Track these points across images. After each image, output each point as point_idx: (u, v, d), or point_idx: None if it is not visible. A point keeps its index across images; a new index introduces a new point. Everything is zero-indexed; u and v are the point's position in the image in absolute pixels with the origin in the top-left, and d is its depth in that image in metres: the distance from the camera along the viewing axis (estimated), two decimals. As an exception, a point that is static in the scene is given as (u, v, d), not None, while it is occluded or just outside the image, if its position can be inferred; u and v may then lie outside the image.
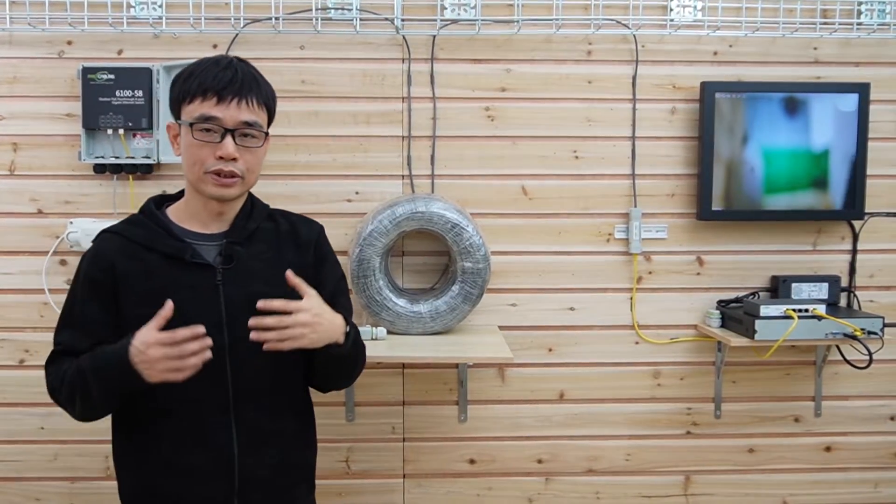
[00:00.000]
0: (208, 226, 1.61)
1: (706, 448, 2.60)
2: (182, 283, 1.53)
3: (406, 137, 2.48)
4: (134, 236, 1.57)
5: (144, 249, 1.55)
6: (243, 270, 1.58)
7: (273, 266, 1.60)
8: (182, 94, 1.54)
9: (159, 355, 1.40)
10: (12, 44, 2.41)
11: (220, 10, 2.41)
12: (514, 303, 2.53)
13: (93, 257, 1.58)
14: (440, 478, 2.56)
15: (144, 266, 1.54)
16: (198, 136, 1.52)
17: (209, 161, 1.52)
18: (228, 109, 1.51)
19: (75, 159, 2.39)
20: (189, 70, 1.56)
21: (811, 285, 2.51)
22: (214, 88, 1.51)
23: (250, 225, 1.63)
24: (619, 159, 2.51)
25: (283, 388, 1.66)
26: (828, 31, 2.49)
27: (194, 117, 1.51)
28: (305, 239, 1.70)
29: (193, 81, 1.53)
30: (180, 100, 1.55)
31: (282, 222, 1.69)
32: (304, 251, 1.68)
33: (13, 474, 2.48)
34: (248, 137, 1.56)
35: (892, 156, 2.55)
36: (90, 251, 1.60)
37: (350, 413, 2.52)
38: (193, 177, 1.55)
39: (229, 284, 1.55)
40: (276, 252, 1.64)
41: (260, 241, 1.63)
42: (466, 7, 2.43)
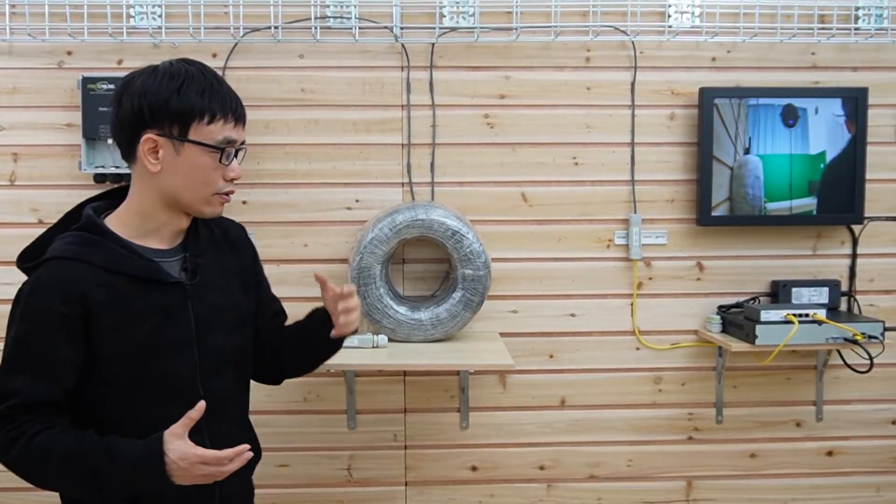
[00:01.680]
0: (164, 241, 1.49)
1: (708, 453, 2.59)
2: (154, 305, 1.43)
3: (406, 145, 2.48)
4: (95, 260, 1.40)
5: (108, 273, 1.40)
6: (203, 283, 1.51)
7: (221, 274, 1.56)
8: (198, 110, 1.41)
9: (201, 473, 1.31)
10: (12, 54, 2.42)
11: (219, 20, 2.42)
12: (514, 309, 2.53)
13: (54, 289, 1.38)
14: (442, 485, 2.55)
15: (112, 292, 1.40)
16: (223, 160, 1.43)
17: (220, 183, 1.45)
18: (241, 132, 1.47)
19: (76, 169, 2.40)
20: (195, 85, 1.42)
21: (811, 290, 2.51)
22: (234, 111, 1.44)
23: (200, 235, 1.56)
24: (619, 165, 2.52)
25: (242, 397, 1.63)
26: (825, 36, 2.50)
27: (219, 140, 1.42)
28: (238, 240, 1.65)
29: (211, 99, 1.42)
30: (192, 116, 1.41)
31: (213, 227, 1.61)
32: (242, 252, 1.64)
33: (13, 484, 2.48)
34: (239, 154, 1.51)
35: (891, 160, 2.55)
36: (45, 282, 1.39)
37: (351, 421, 2.52)
38: (196, 197, 1.44)
39: (195, 300, 1.48)
40: (218, 259, 1.57)
41: (207, 251, 1.56)
42: (465, 15, 2.44)
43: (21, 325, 1.38)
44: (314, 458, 2.52)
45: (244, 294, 1.61)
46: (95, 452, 1.33)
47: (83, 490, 1.37)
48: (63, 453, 1.34)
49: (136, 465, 1.32)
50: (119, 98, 1.44)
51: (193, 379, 1.47)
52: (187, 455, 1.30)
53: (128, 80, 1.44)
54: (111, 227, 1.46)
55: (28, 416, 1.35)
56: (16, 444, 1.34)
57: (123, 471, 1.32)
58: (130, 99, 1.41)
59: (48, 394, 1.36)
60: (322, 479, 2.53)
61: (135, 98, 1.41)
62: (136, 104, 1.41)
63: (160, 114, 1.41)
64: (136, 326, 1.41)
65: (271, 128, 2.45)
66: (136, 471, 1.32)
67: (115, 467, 1.32)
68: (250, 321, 1.63)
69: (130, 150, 1.44)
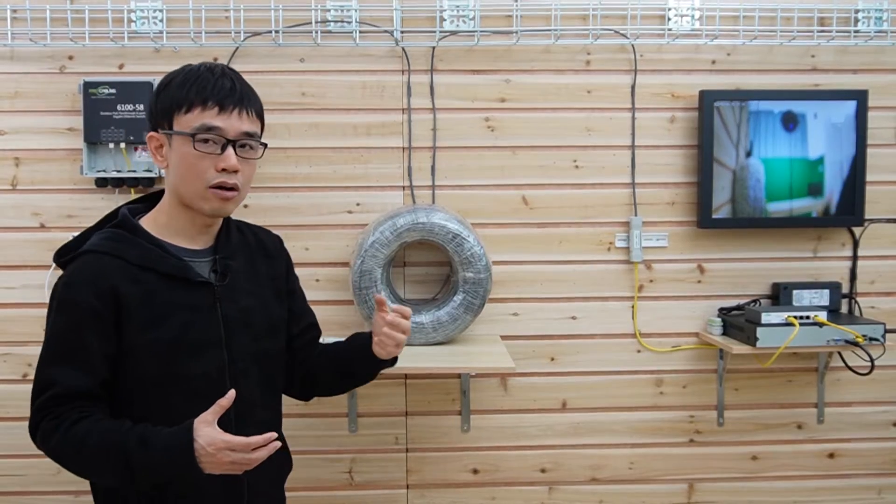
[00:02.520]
0: (195, 241, 1.52)
1: (709, 456, 2.59)
2: (183, 303, 1.45)
3: (406, 148, 2.49)
4: (128, 256, 1.44)
5: (140, 270, 1.43)
6: (233, 285, 1.53)
7: (252, 279, 1.58)
8: (176, 102, 1.44)
9: (228, 460, 1.33)
10: (14, 59, 2.43)
11: (220, 24, 2.42)
12: (515, 312, 2.53)
13: (87, 282, 1.41)
14: (443, 488, 2.56)
15: (144, 288, 1.43)
16: (199, 147, 1.42)
17: (210, 174, 1.44)
18: (230, 119, 1.44)
19: (77, 173, 2.40)
20: (180, 78, 1.46)
21: (812, 292, 2.51)
22: (216, 98, 1.43)
23: (231, 238, 1.58)
24: (619, 168, 2.52)
25: (272, 403, 1.65)
26: (825, 39, 2.50)
27: (194, 127, 1.42)
28: (273, 249, 1.68)
29: (190, 89, 1.43)
30: (173, 109, 1.44)
31: (248, 234, 1.65)
32: (276, 262, 1.67)
33: (17, 488, 2.48)
34: (247, 149, 1.49)
35: (891, 162, 2.56)
36: (80, 275, 1.42)
37: (353, 424, 2.52)
38: (191, 191, 1.45)
39: (224, 301, 1.50)
40: (251, 264, 1.60)
41: (238, 254, 1.58)
42: (465, 18, 2.45)
43: (56, 317, 1.42)
44: (316, 461, 2.52)
45: (276, 301, 1.63)
46: (128, 440, 1.35)
47: (115, 477, 1.38)
48: (98, 441, 1.36)
49: (166, 452, 1.34)
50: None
51: (220, 380, 1.48)
52: (215, 440, 1.32)
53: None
54: (145, 226, 1.50)
55: (66, 406, 1.38)
56: (55, 433, 1.38)
57: (154, 457, 1.34)
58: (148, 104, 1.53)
59: (84, 383, 1.40)
60: (323, 482, 2.53)
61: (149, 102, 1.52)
62: (148, 107, 1.51)
63: (154, 112, 1.48)
64: (165, 323, 1.42)
65: (272, 131, 2.46)
66: (166, 457, 1.33)
67: (146, 454, 1.34)
68: (282, 329, 1.65)
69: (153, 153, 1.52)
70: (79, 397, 1.40)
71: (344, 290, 2.47)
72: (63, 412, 1.39)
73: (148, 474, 1.36)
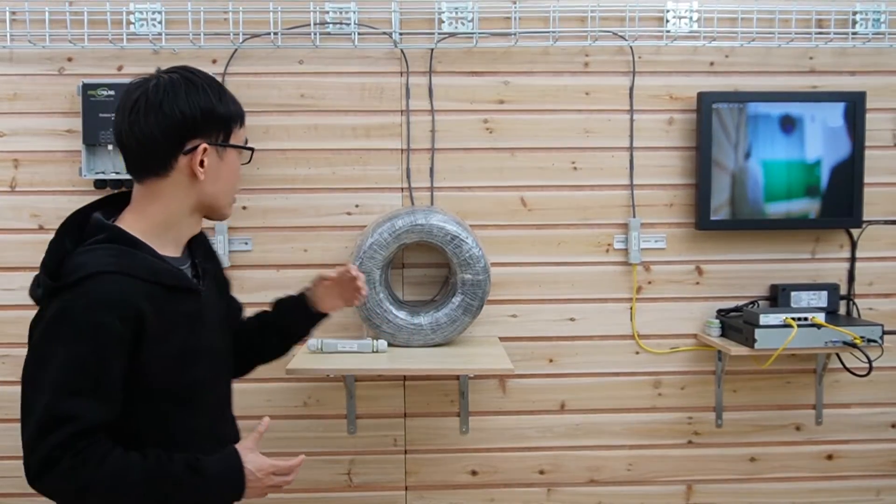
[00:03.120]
0: (177, 248, 1.48)
1: (708, 457, 2.60)
2: (183, 313, 1.43)
3: (405, 150, 2.49)
4: (139, 273, 1.36)
5: (148, 284, 1.36)
6: (207, 289, 1.53)
7: (211, 278, 1.58)
8: (235, 116, 1.46)
9: (271, 483, 1.39)
10: (13, 61, 2.43)
11: (219, 26, 2.42)
12: (514, 314, 2.53)
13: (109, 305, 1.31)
14: (442, 489, 2.56)
15: (154, 303, 1.36)
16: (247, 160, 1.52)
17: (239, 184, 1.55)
18: None
19: (76, 175, 2.40)
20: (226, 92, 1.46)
21: (810, 293, 2.52)
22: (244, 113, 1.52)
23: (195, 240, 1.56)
24: (618, 170, 2.52)
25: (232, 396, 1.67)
26: (823, 41, 2.51)
27: (243, 141, 1.50)
28: (206, 246, 1.65)
29: (240, 105, 1.49)
30: (232, 121, 1.45)
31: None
32: (215, 258, 1.66)
33: (17, 490, 2.48)
34: None
35: (889, 164, 2.56)
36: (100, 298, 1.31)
37: (352, 425, 2.52)
38: (227, 201, 1.50)
39: (206, 305, 1.50)
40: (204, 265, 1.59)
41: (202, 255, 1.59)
42: (464, 20, 2.45)
43: (76, 344, 1.29)
44: (314, 462, 2.52)
45: (223, 296, 1.65)
46: (177, 470, 1.34)
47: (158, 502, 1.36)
48: (142, 474, 1.32)
49: (219, 479, 1.37)
50: (152, 110, 1.37)
51: (209, 384, 1.49)
52: (263, 466, 1.39)
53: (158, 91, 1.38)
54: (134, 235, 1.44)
55: (88, 441, 1.29)
56: (82, 471, 1.28)
57: (209, 484, 1.36)
58: (174, 109, 1.37)
59: (106, 415, 1.31)
60: (322, 483, 2.54)
61: (183, 107, 1.37)
62: (188, 113, 1.37)
63: (210, 121, 1.40)
64: (172, 335, 1.40)
65: (271, 133, 2.46)
66: (219, 484, 1.37)
67: (201, 481, 1.35)
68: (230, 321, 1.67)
69: (166, 161, 1.39)
70: (100, 430, 1.31)
71: (342, 292, 2.48)
72: (86, 447, 1.29)
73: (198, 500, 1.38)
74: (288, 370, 2.12)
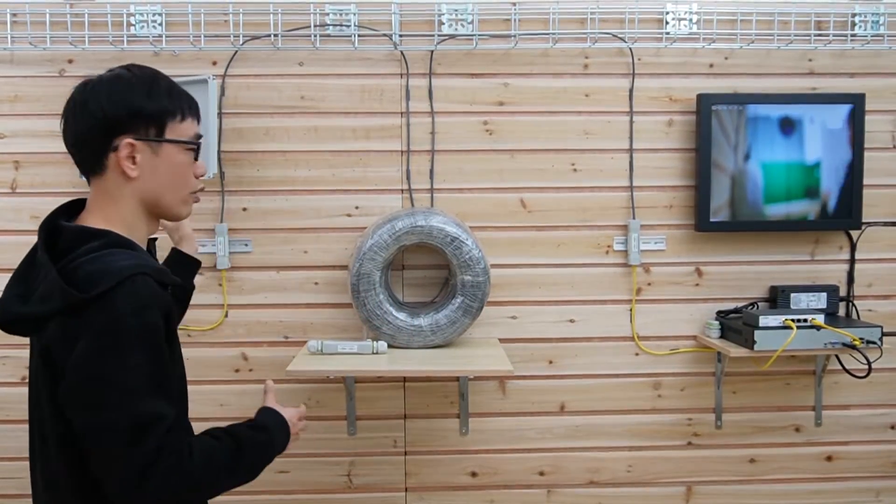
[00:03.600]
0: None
1: (707, 459, 2.60)
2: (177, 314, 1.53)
3: (405, 152, 2.49)
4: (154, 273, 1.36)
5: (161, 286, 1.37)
6: None
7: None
8: (169, 110, 1.41)
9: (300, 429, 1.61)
10: (14, 63, 2.43)
11: (219, 28, 2.43)
12: (514, 315, 2.53)
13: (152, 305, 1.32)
14: (442, 491, 2.56)
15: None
16: (191, 156, 1.45)
17: (192, 181, 1.46)
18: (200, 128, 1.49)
19: (76, 177, 2.41)
20: (163, 84, 1.43)
21: (810, 295, 2.52)
22: (196, 108, 1.47)
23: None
24: (617, 171, 2.52)
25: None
26: (822, 43, 2.51)
27: (191, 136, 1.44)
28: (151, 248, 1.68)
29: (181, 99, 1.44)
30: (165, 116, 1.40)
31: None
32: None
33: (17, 491, 2.49)
34: None
35: (888, 165, 2.56)
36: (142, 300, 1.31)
37: (352, 427, 2.52)
38: (175, 198, 1.44)
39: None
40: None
41: None
42: (464, 22, 2.45)
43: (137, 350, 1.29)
44: (314, 464, 2.52)
45: None
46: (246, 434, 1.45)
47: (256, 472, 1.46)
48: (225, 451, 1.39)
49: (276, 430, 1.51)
50: (79, 110, 1.40)
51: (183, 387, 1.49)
52: (292, 414, 1.58)
53: (85, 90, 1.41)
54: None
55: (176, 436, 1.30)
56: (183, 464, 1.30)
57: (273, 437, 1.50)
58: (98, 108, 1.38)
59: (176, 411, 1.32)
60: (322, 485, 2.54)
61: (106, 106, 1.38)
62: (110, 111, 1.38)
63: (137, 118, 1.39)
64: (176, 336, 1.43)
65: (271, 135, 2.46)
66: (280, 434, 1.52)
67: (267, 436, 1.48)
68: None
69: (99, 160, 1.40)
70: (180, 428, 1.35)
71: (342, 294, 2.48)
72: (175, 441, 1.30)
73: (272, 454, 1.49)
74: (288, 372, 2.12)
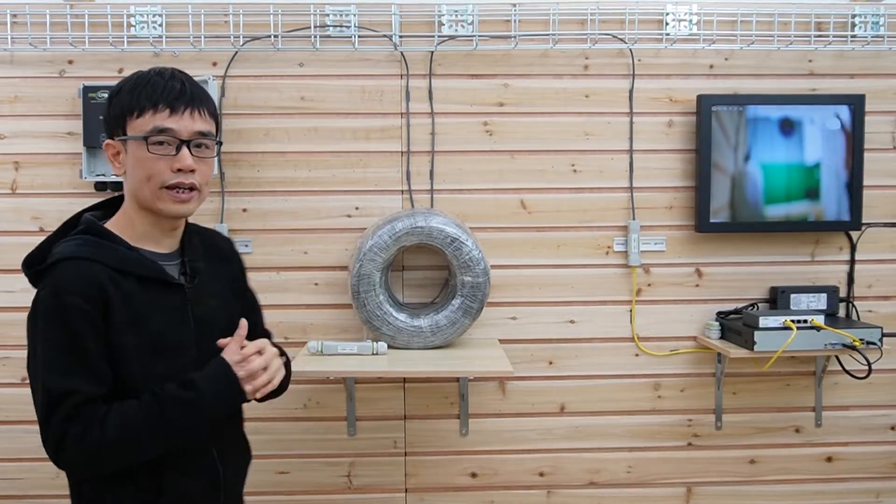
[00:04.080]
0: (161, 244, 1.52)
1: (707, 459, 2.60)
2: (157, 306, 1.47)
3: (405, 153, 2.49)
4: (106, 260, 1.43)
5: (119, 274, 1.43)
6: (200, 287, 1.55)
7: (215, 281, 1.60)
8: (128, 107, 1.45)
9: (259, 364, 1.44)
10: (14, 63, 2.43)
11: (219, 29, 2.43)
12: (514, 316, 2.53)
13: (75, 287, 1.40)
14: (442, 492, 2.56)
15: (122, 291, 1.43)
16: (153, 149, 1.43)
17: (166, 175, 1.44)
18: (182, 120, 1.45)
19: (76, 177, 2.41)
20: (130, 84, 1.48)
21: (810, 296, 2.52)
22: (166, 100, 1.45)
23: (194, 240, 1.60)
24: (617, 172, 2.52)
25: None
26: (822, 44, 2.51)
27: (147, 130, 1.43)
28: (227, 250, 1.69)
29: (140, 94, 1.45)
30: (125, 114, 1.46)
31: (204, 236, 1.66)
32: (231, 263, 1.69)
33: (16, 492, 2.48)
34: (203, 148, 1.50)
35: (888, 166, 2.56)
36: (66, 281, 1.41)
37: (351, 428, 2.52)
38: (147, 194, 1.46)
39: (194, 302, 1.52)
40: (211, 266, 1.61)
41: (201, 256, 1.60)
42: (464, 23, 2.46)
43: (49, 329, 1.40)
44: (314, 464, 2.52)
45: (235, 301, 1.65)
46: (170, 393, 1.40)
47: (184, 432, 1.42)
48: (141, 413, 1.39)
49: (211, 380, 1.41)
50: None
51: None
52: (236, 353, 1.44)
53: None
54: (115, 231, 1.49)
55: (91, 407, 1.37)
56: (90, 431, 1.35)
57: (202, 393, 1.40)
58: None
59: (100, 390, 1.39)
60: (322, 485, 2.54)
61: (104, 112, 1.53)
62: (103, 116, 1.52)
63: (108, 120, 1.50)
64: (145, 326, 1.44)
65: (271, 136, 2.46)
66: (213, 386, 1.41)
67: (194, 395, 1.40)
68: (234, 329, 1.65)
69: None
70: (99, 399, 1.39)
71: (342, 294, 2.48)
72: (89, 412, 1.37)
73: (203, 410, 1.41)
74: (288, 372, 2.12)
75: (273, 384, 1.47)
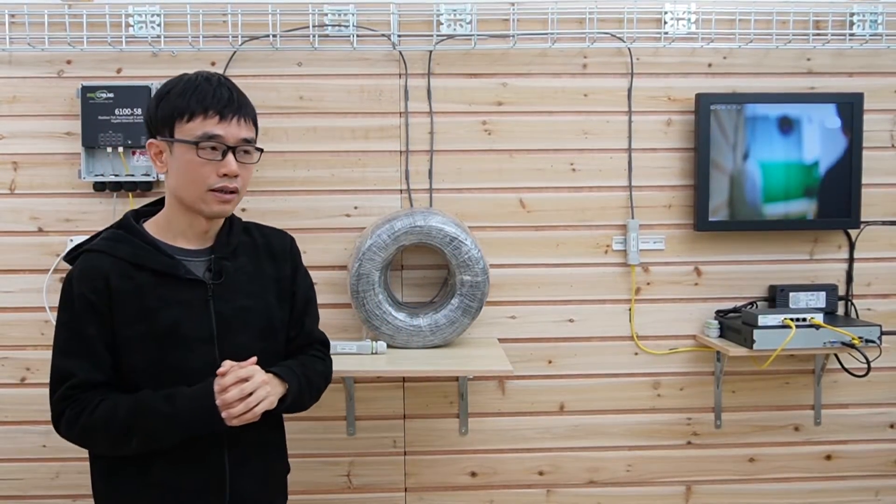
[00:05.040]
0: (195, 241, 1.61)
1: (707, 458, 2.60)
2: (173, 299, 1.54)
3: (404, 152, 2.49)
4: (121, 253, 1.54)
5: (133, 267, 1.53)
6: (230, 285, 1.60)
7: (254, 280, 1.65)
8: (178, 111, 1.52)
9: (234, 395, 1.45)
10: (12, 63, 2.43)
11: (218, 28, 2.43)
12: (513, 315, 2.53)
13: (84, 277, 1.52)
14: (442, 491, 2.56)
15: (135, 284, 1.52)
16: (202, 154, 1.51)
17: (212, 179, 1.52)
18: (230, 128, 1.53)
19: (75, 177, 2.41)
20: (180, 87, 1.54)
21: (809, 294, 2.52)
22: (216, 107, 1.52)
23: (233, 240, 1.65)
24: (616, 171, 2.53)
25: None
26: (821, 43, 2.51)
27: (197, 136, 1.51)
28: (280, 250, 1.72)
29: (191, 99, 1.52)
30: (174, 117, 1.52)
31: (257, 235, 1.72)
32: (281, 263, 1.71)
33: (15, 492, 2.48)
34: (246, 154, 1.58)
35: (886, 165, 2.56)
36: (78, 272, 1.54)
37: (351, 427, 2.52)
38: (192, 195, 1.54)
39: (218, 299, 1.57)
40: (255, 265, 1.66)
41: (241, 255, 1.65)
42: (462, 22, 2.46)
43: (61, 312, 1.54)
44: (314, 464, 2.52)
45: (279, 303, 1.68)
46: (155, 399, 1.47)
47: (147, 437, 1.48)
48: (126, 411, 1.47)
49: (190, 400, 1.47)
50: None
51: (209, 375, 1.51)
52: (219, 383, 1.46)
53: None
54: (148, 228, 1.60)
55: (87, 394, 1.49)
56: (80, 417, 1.48)
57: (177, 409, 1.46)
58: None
59: (98, 375, 1.50)
60: (322, 485, 2.54)
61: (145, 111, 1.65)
62: (144, 116, 1.62)
63: (154, 120, 1.56)
64: (155, 317, 1.51)
65: (270, 135, 2.46)
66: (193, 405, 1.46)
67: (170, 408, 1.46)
68: (282, 329, 1.69)
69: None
70: (97, 385, 1.50)
71: (342, 294, 2.48)
72: (85, 398, 1.49)
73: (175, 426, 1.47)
74: (287, 372, 2.12)
75: (253, 413, 1.47)
